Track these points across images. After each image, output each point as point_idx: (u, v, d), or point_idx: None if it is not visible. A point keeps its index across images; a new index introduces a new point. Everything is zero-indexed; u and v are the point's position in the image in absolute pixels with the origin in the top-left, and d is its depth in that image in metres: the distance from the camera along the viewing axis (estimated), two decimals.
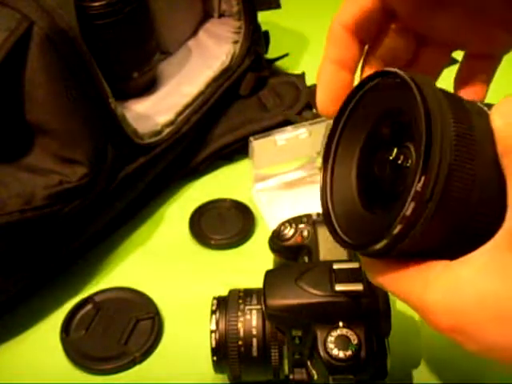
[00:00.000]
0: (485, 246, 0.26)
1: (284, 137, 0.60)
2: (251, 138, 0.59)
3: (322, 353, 0.37)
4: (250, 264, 0.55)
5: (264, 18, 0.73)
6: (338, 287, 0.39)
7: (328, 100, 0.32)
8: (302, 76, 0.72)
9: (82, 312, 0.52)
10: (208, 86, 0.66)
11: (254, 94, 0.70)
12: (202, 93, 0.65)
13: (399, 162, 0.29)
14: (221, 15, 0.74)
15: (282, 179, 0.64)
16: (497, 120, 0.27)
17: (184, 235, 0.59)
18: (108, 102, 0.53)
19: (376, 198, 0.30)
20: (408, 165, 0.28)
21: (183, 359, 0.50)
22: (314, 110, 0.69)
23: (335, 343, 0.37)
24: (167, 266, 0.57)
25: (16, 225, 0.47)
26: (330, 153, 0.32)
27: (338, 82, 0.33)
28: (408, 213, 0.26)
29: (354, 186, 0.31)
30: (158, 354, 0.50)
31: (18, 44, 0.48)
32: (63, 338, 0.50)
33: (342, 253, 0.42)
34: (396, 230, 0.26)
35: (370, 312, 0.39)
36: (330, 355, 0.37)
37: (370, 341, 0.38)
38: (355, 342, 0.37)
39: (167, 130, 0.61)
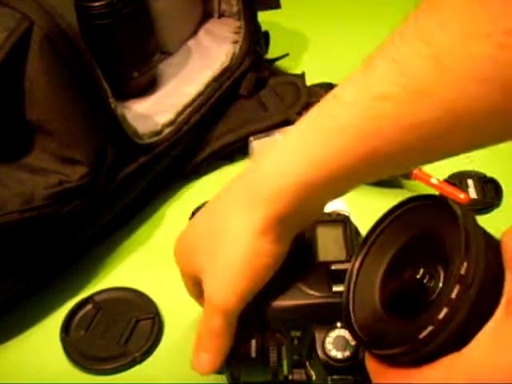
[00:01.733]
0: (487, 324, 0.28)
1: None
2: (251, 138, 0.59)
3: (320, 353, 0.37)
4: None
5: (264, 17, 0.73)
6: (336, 288, 0.39)
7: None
8: (302, 76, 0.72)
9: (82, 312, 0.52)
10: (208, 86, 0.66)
11: (254, 94, 0.70)
12: (201, 93, 0.65)
13: (425, 281, 0.31)
14: (221, 15, 0.74)
15: None
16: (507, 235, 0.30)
17: None
18: (108, 102, 0.53)
19: (398, 308, 0.32)
20: (432, 285, 0.31)
21: (183, 359, 0.50)
22: None
23: (333, 344, 0.37)
24: (167, 266, 0.57)
25: (16, 225, 0.47)
26: (358, 259, 0.35)
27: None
28: (453, 296, 0.28)
29: (377, 294, 0.34)
30: (158, 354, 0.50)
31: (18, 44, 0.48)
32: (63, 338, 0.50)
33: (341, 253, 0.42)
34: (441, 315, 0.28)
35: None
36: (328, 356, 0.37)
37: None
38: (353, 342, 0.37)
39: (167, 130, 0.61)
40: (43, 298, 0.54)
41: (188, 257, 0.42)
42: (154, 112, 0.63)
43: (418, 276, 0.31)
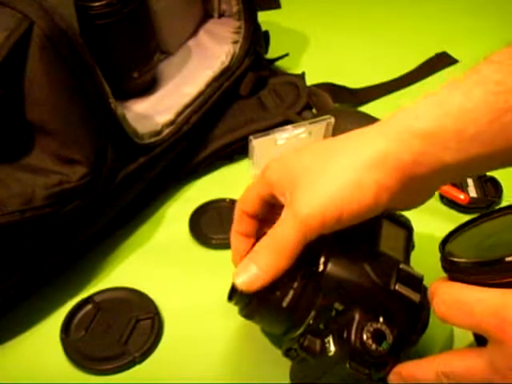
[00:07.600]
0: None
1: (284, 136, 0.60)
2: (251, 137, 0.59)
3: (353, 337, 0.37)
4: None
5: (264, 17, 0.73)
6: (398, 287, 0.39)
7: (237, 257, 0.46)
8: (301, 76, 0.72)
9: (82, 312, 0.52)
10: (208, 86, 0.66)
11: (254, 94, 0.70)
12: (201, 93, 0.65)
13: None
14: (221, 15, 0.74)
15: None
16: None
17: (184, 235, 0.59)
18: (108, 102, 0.53)
19: None
20: None
21: (183, 359, 0.50)
22: (314, 110, 0.69)
23: (372, 335, 0.37)
24: (167, 265, 0.57)
25: (16, 225, 0.47)
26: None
27: (241, 246, 0.46)
28: None
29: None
30: (158, 354, 0.50)
31: (18, 44, 0.48)
32: (63, 339, 0.50)
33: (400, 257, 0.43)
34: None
35: (412, 323, 0.39)
36: (362, 343, 0.37)
37: (398, 348, 0.38)
38: (390, 341, 0.37)
39: (167, 130, 0.61)
40: (43, 298, 0.54)
41: (284, 170, 0.41)
42: (153, 112, 0.63)
43: None
